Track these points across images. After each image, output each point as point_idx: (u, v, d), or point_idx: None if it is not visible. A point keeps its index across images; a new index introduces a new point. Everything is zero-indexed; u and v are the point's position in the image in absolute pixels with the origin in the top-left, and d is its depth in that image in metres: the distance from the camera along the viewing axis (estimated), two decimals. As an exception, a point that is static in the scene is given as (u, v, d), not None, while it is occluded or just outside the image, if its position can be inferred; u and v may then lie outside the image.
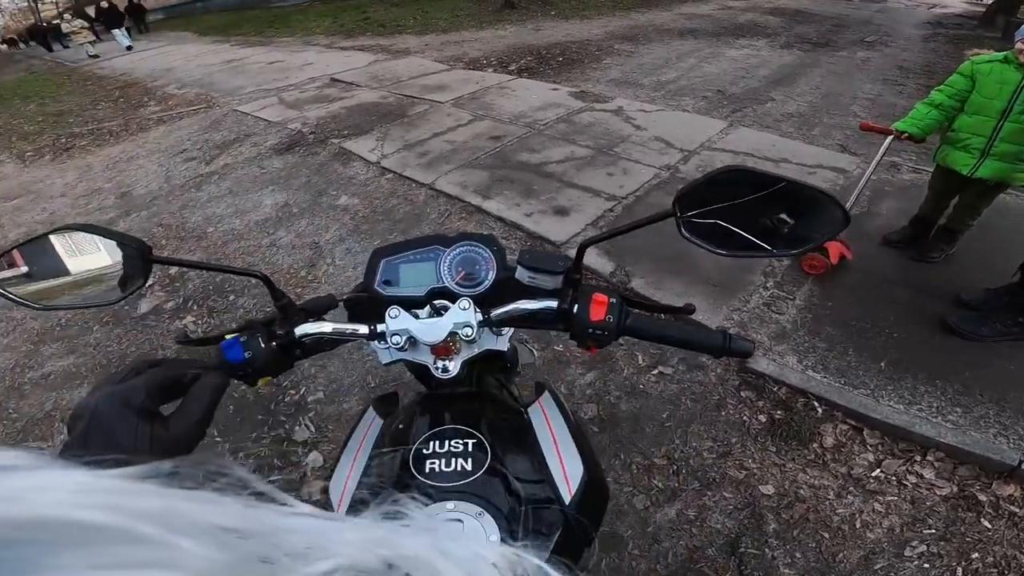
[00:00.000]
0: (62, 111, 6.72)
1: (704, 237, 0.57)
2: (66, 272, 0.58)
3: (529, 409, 0.65)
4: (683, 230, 0.57)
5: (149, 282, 0.59)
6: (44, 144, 5.34)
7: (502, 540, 0.49)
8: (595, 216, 2.91)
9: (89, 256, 0.58)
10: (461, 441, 0.56)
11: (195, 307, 2.50)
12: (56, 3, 39.65)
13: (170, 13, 24.85)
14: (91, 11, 12.79)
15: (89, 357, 2.33)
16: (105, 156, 4.72)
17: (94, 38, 12.03)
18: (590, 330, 0.59)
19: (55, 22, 27.56)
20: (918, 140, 2.23)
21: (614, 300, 0.59)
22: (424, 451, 0.56)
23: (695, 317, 2.13)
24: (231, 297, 2.54)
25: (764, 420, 1.87)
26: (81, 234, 0.57)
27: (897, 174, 3.37)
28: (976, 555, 1.51)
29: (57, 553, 0.15)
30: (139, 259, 0.56)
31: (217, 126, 4.98)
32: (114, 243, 0.56)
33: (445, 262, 0.66)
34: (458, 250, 0.67)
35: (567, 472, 0.58)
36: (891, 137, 2.25)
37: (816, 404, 1.86)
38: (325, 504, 0.60)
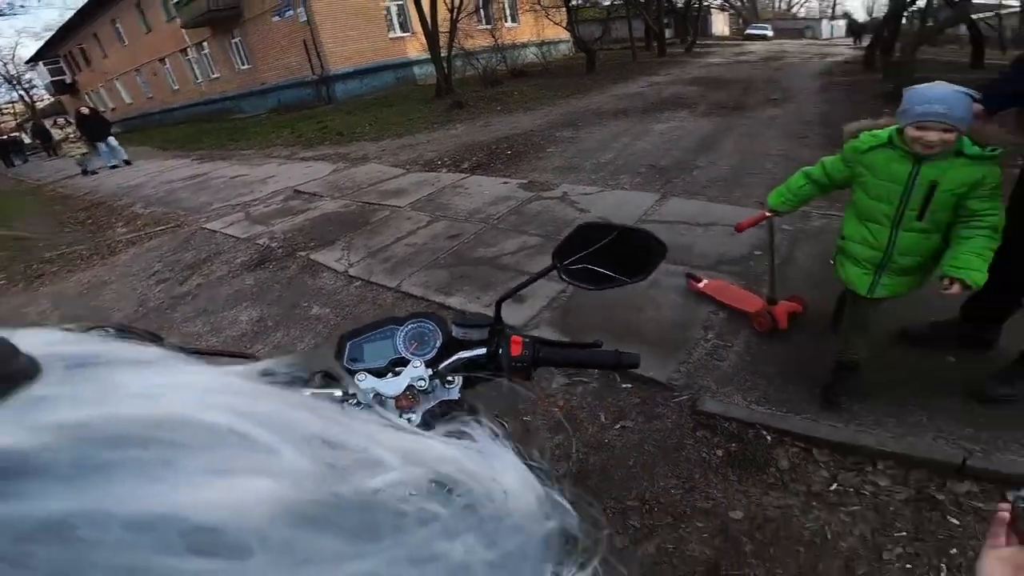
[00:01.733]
0: (30, 236, 6.83)
1: (580, 279, 0.79)
2: None
3: None
4: (563, 276, 0.79)
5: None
6: (15, 271, 5.41)
7: None
8: (549, 298, 3.17)
9: None
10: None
11: None
12: (14, 114, 40.60)
13: (127, 126, 25.94)
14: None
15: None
16: (77, 282, 4.84)
17: (86, 149, 11.19)
18: (513, 364, 0.77)
19: (14, 135, 27.83)
20: (784, 213, 2.10)
21: (527, 339, 0.78)
22: None
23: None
24: None
25: (721, 454, 2.06)
26: (97, 333, 0.72)
27: (809, 222, 3.80)
28: (955, 551, 1.64)
29: (185, 456, 0.16)
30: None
31: (186, 245, 5.19)
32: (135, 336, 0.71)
33: (400, 337, 0.79)
34: (409, 327, 0.81)
35: None
36: (769, 218, 2.15)
37: (764, 432, 2.08)
38: None
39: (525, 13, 21.44)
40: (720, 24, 38.93)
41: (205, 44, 21.07)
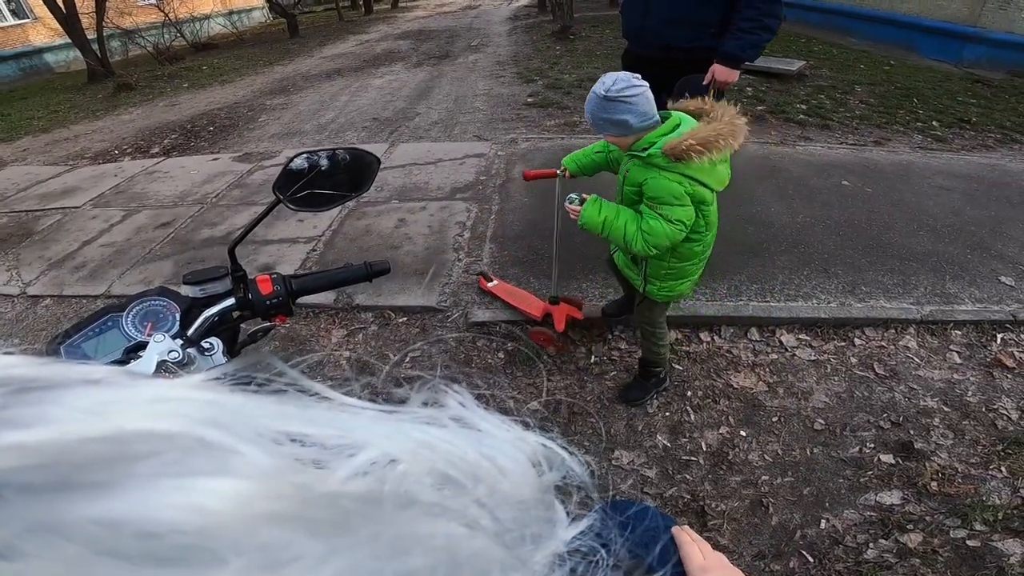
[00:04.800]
0: None
1: (307, 205, 0.81)
2: None
3: None
4: (289, 206, 0.80)
5: None
6: None
7: None
8: (300, 259, 3.03)
9: None
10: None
11: None
12: None
13: None
14: None
15: None
16: None
17: None
18: (268, 302, 0.76)
19: None
20: (575, 175, 1.93)
21: (274, 275, 0.77)
22: None
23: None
24: None
25: (503, 356, 2.33)
26: None
27: (516, 146, 4.40)
28: (690, 393, 2.10)
29: (140, 465, 0.15)
30: None
31: None
32: None
33: (127, 323, 0.72)
34: (135, 309, 0.73)
35: None
36: (557, 176, 1.96)
37: (529, 326, 2.39)
38: None
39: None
40: None
41: None
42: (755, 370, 2.24)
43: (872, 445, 1.92)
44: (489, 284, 2.61)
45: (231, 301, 0.75)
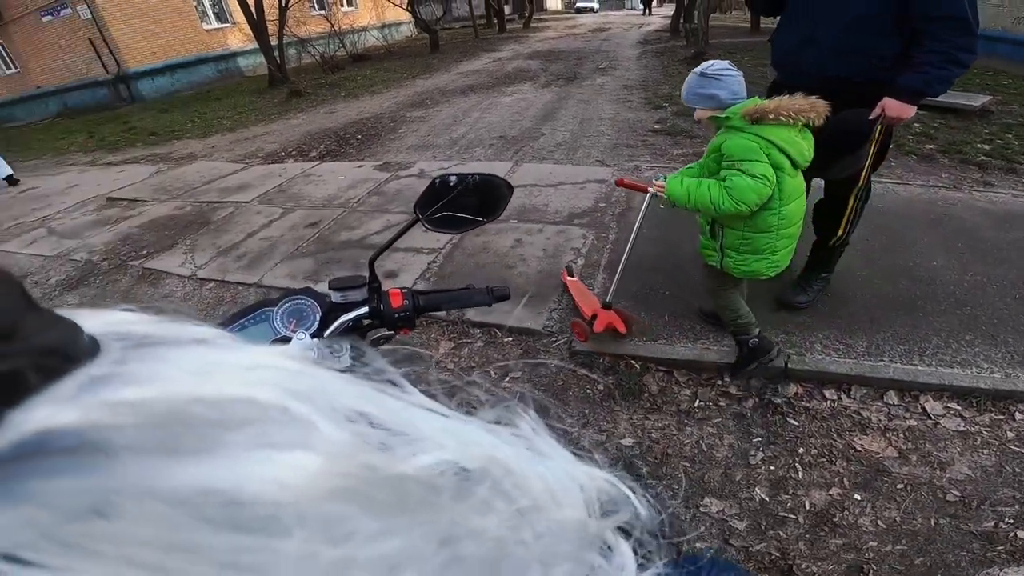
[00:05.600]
0: None
1: (442, 226, 0.86)
2: None
3: None
4: (426, 225, 0.85)
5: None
6: None
7: None
8: (421, 270, 3.23)
9: None
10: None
11: None
12: None
13: None
14: None
15: None
16: None
17: None
18: (396, 315, 0.80)
19: None
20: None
21: (405, 290, 0.82)
22: None
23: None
24: None
25: (602, 388, 2.28)
26: None
27: (640, 175, 4.31)
28: (802, 450, 1.92)
29: (231, 431, 0.16)
30: None
31: (-25, 278, 4.25)
32: None
33: (276, 318, 0.79)
34: (285, 306, 0.80)
35: None
36: (649, 193, 2.05)
37: (633, 362, 2.34)
38: None
39: (363, -4, 20.49)
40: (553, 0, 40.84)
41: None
42: (886, 434, 2.00)
43: (1011, 520, 1.67)
44: (569, 278, 2.70)
45: (365, 310, 0.81)
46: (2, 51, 16.15)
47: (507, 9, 23.02)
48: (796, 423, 2.06)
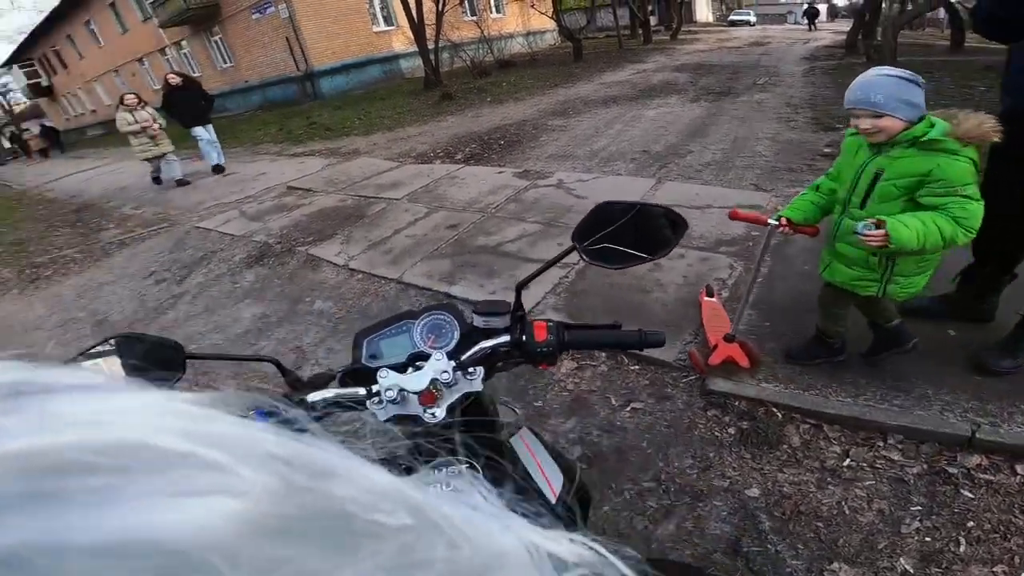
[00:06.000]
0: (21, 240, 6.71)
1: (601, 259, 0.79)
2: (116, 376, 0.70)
3: (511, 440, 0.77)
4: (584, 257, 0.79)
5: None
6: (8, 277, 5.33)
7: None
8: (553, 284, 3.21)
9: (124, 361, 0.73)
10: (456, 466, 0.66)
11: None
12: None
13: (110, 129, 25.58)
14: (130, 97, 7.19)
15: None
16: (73, 285, 4.78)
17: (162, 147, 7.38)
18: (538, 349, 0.75)
19: None
20: (800, 227, 1.86)
21: (551, 324, 0.77)
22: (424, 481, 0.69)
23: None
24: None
25: (733, 432, 2.09)
26: (120, 341, 0.73)
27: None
28: (972, 523, 1.66)
29: (138, 480, 0.15)
30: (178, 357, 0.74)
31: (182, 245, 5.14)
32: (156, 345, 0.73)
33: (417, 331, 0.79)
34: (425, 320, 0.80)
35: (550, 482, 0.71)
36: (768, 225, 1.91)
37: (775, 410, 2.11)
38: None
39: (511, 3, 21.39)
40: (703, 10, 38.98)
41: (184, 43, 20.71)
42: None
43: None
44: (706, 298, 2.49)
45: (506, 338, 0.76)
46: (221, 45, 19.45)
47: (653, 20, 22.37)
48: (971, 495, 1.75)
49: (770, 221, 1.88)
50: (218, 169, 7.78)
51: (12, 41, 33.69)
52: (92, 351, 0.72)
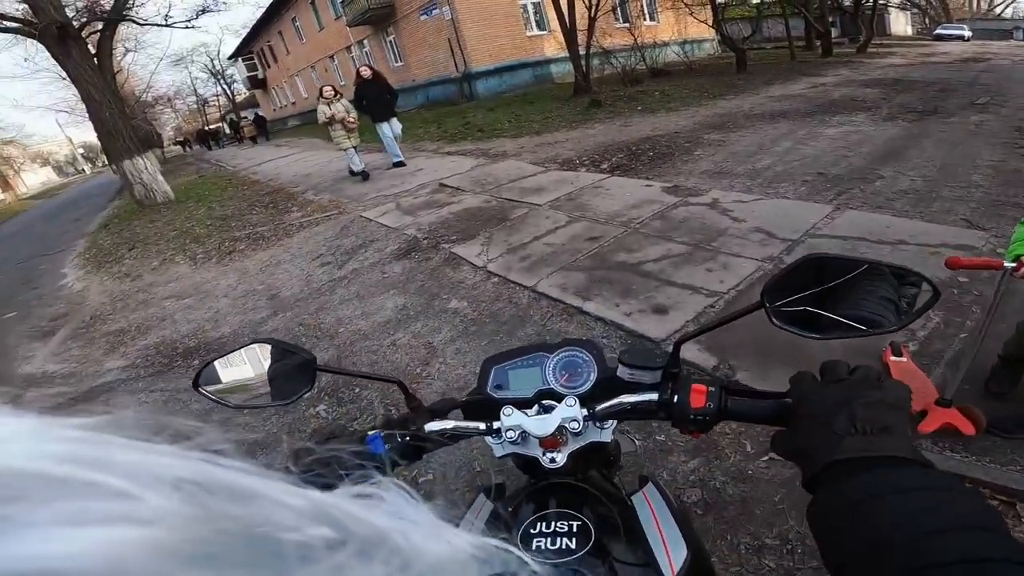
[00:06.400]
0: (226, 215, 8.02)
1: (795, 324, 0.61)
2: (252, 378, 0.73)
3: (633, 497, 0.70)
4: (773, 319, 0.62)
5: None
6: (212, 247, 6.39)
7: None
8: (695, 313, 2.93)
9: (260, 365, 0.74)
10: (566, 523, 0.60)
11: (327, 397, 2.87)
12: (219, 107, 48.44)
13: (303, 119, 29.88)
14: (328, 90, 7.39)
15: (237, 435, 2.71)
16: (258, 260, 5.58)
17: (352, 138, 7.59)
18: (692, 416, 0.64)
19: (215, 126, 34.50)
20: None
21: (713, 389, 0.64)
22: (531, 531, 0.60)
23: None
24: (356, 390, 2.88)
25: None
26: (259, 346, 0.73)
27: None
28: None
29: (32, 510, 0.14)
30: (309, 368, 0.72)
31: (346, 232, 5.73)
32: (290, 353, 0.73)
33: (550, 367, 0.73)
34: (561, 355, 0.74)
35: (671, 556, 0.61)
36: (1003, 270, 1.64)
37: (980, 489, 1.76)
38: None
39: (665, 11, 20.58)
40: (901, 23, 34.04)
41: (366, 42, 22.91)
42: None
43: None
44: (893, 357, 2.18)
45: (653, 397, 0.65)
46: (394, 45, 21.39)
47: (834, 32, 19.81)
48: None
49: (1006, 264, 1.60)
50: (399, 164, 8.14)
51: (238, 35, 39.17)
52: (233, 352, 0.73)
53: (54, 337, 4.76)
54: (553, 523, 0.60)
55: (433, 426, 0.70)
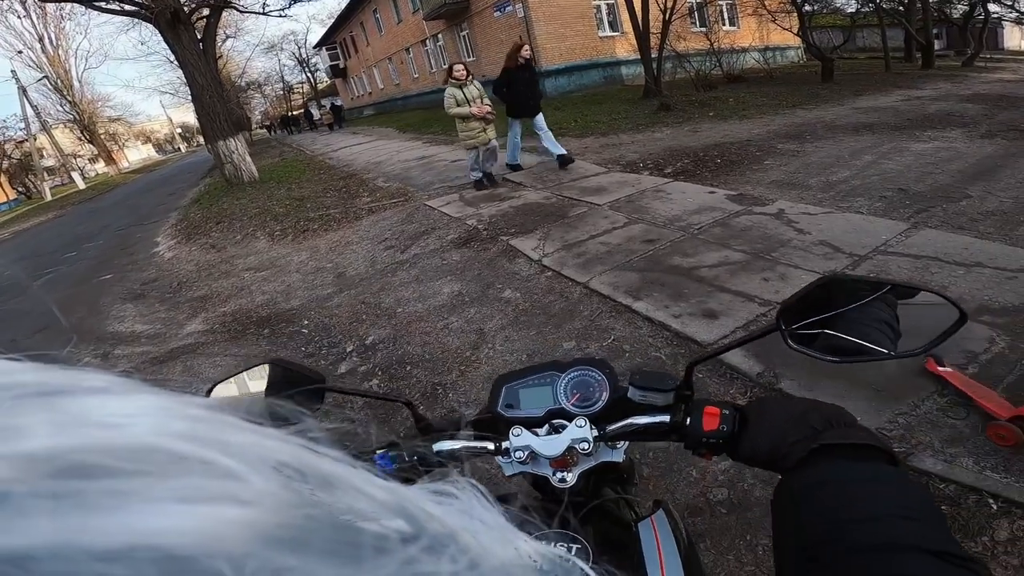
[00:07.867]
0: (303, 197, 8.57)
1: (812, 347, 0.61)
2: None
3: (640, 524, 0.67)
4: (789, 342, 0.62)
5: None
6: (288, 226, 6.88)
7: None
8: (746, 320, 2.91)
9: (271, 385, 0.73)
10: (565, 544, 0.58)
11: (380, 372, 3.09)
12: (302, 93, 51.19)
13: (377, 109, 31.06)
14: (459, 69, 5.89)
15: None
16: (329, 240, 5.98)
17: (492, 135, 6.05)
18: (704, 439, 0.63)
19: (296, 112, 36.76)
20: None
21: (727, 411, 0.62)
22: None
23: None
24: (408, 368, 3.08)
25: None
26: (269, 366, 0.73)
27: None
28: None
29: (152, 484, 0.15)
30: (318, 389, 0.73)
31: (411, 219, 6.02)
32: (299, 374, 0.73)
33: (561, 386, 0.72)
34: (573, 375, 0.73)
35: None
36: None
37: (991, 501, 1.75)
38: None
39: (747, 17, 19.70)
40: (1016, 38, 30.81)
41: (440, 36, 23.38)
42: None
43: None
44: (940, 368, 2.16)
45: (665, 419, 0.66)
46: (467, 41, 21.77)
47: (937, 44, 18.19)
48: None
49: None
50: (566, 161, 6.42)
51: (324, 25, 40.08)
52: (245, 371, 0.74)
53: (143, 299, 5.33)
54: (553, 544, 0.59)
55: (441, 445, 0.71)
